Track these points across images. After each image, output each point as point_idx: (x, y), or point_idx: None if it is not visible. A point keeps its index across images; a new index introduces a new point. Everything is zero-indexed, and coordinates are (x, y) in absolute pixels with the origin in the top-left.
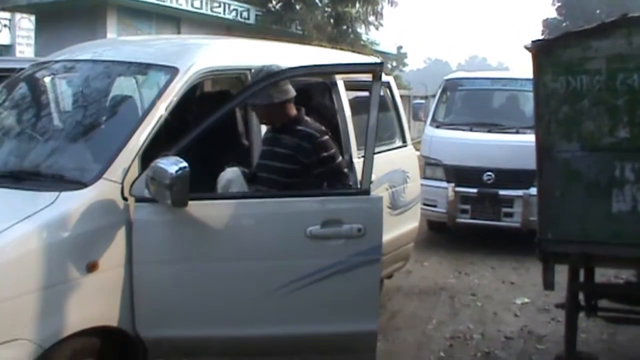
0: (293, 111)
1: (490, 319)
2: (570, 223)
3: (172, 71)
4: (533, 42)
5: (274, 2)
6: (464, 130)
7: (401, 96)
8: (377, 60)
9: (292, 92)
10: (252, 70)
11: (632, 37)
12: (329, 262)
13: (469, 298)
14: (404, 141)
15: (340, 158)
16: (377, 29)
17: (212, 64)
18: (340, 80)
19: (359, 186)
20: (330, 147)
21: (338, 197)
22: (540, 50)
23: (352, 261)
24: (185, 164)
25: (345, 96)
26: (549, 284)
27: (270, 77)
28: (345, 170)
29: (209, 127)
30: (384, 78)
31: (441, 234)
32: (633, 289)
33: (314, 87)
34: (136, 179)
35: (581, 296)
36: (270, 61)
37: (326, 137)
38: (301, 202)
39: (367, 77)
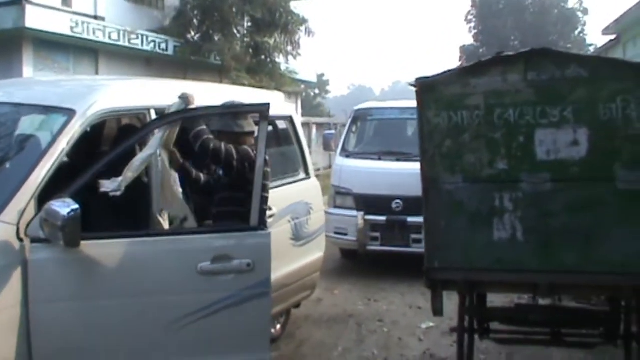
0: None
1: (395, 344)
2: (455, 251)
3: (70, 113)
4: (417, 79)
5: (192, 33)
6: (372, 159)
7: (320, 124)
8: (268, 101)
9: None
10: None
11: (507, 74)
12: (220, 297)
13: (377, 324)
14: (307, 173)
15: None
16: (295, 58)
17: (111, 105)
18: None
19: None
20: None
21: (228, 233)
22: (424, 88)
23: (243, 295)
24: (76, 205)
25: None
26: (437, 311)
27: (160, 120)
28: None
29: (105, 166)
30: (287, 112)
31: (353, 262)
32: (520, 311)
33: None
34: (32, 220)
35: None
36: (171, 101)
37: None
38: (192, 239)
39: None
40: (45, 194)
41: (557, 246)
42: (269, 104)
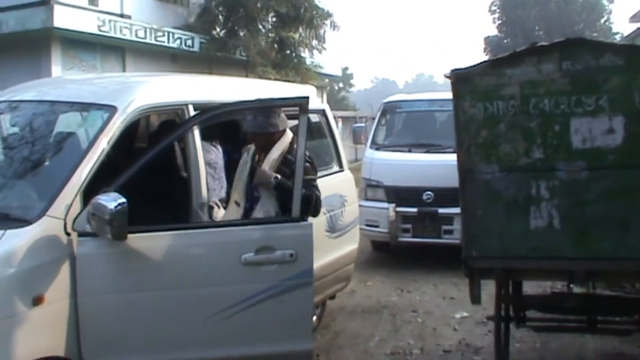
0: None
1: (430, 333)
2: (492, 240)
3: (111, 109)
4: (452, 71)
5: (217, 30)
6: (403, 151)
7: (346, 117)
8: (305, 93)
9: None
10: None
11: (542, 64)
12: (264, 287)
13: (410, 315)
14: (341, 166)
15: None
16: (320, 52)
17: (150, 101)
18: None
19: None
20: None
21: (271, 224)
22: (459, 79)
23: (286, 285)
24: (123, 199)
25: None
26: (475, 298)
27: (199, 116)
28: None
29: (147, 162)
30: (320, 106)
31: (385, 254)
32: (555, 299)
33: None
34: (78, 214)
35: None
36: (208, 95)
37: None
38: (236, 231)
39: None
40: (89, 190)
41: (593, 234)
42: (308, 97)
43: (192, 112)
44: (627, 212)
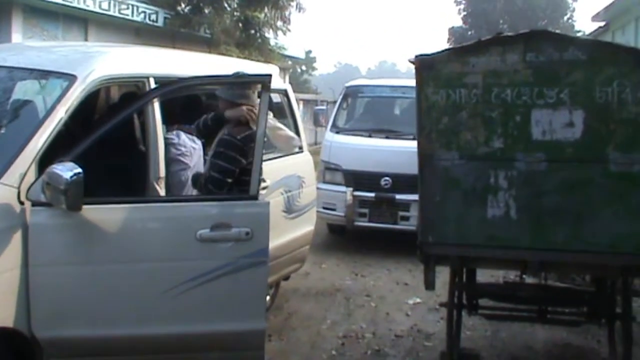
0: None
1: (383, 318)
2: (449, 227)
3: (71, 78)
4: (416, 56)
5: (182, 5)
6: (363, 136)
7: (307, 100)
8: (268, 71)
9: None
10: None
11: (506, 54)
12: (218, 264)
13: (364, 299)
14: (300, 148)
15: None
16: (284, 34)
17: (110, 72)
18: None
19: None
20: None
21: (227, 202)
22: (423, 65)
23: (240, 263)
24: (79, 169)
25: None
26: (430, 284)
27: (160, 89)
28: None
29: (105, 133)
30: (282, 86)
31: (340, 237)
32: (508, 288)
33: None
34: (33, 183)
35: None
36: (170, 69)
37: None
38: (192, 207)
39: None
40: (45, 160)
41: (548, 225)
42: (271, 75)
43: (153, 85)
44: (582, 206)
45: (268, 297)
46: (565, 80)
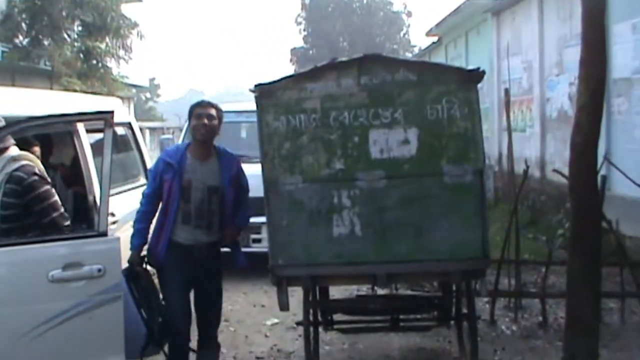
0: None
1: (242, 341)
2: (297, 248)
3: None
4: (256, 85)
5: (20, 38)
6: None
7: (153, 128)
8: (109, 108)
9: None
10: None
11: (341, 79)
12: (73, 303)
13: (223, 324)
14: (147, 179)
15: (53, 198)
16: (127, 62)
17: None
18: (81, 124)
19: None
20: (38, 188)
21: (77, 240)
22: (263, 93)
23: (95, 300)
24: None
25: (86, 139)
26: (284, 306)
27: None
28: (57, 212)
29: None
30: (126, 118)
31: None
32: (360, 302)
33: (55, 132)
34: None
35: None
36: (7, 109)
37: (34, 178)
38: (42, 248)
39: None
40: None
41: (391, 238)
42: (113, 111)
43: None
44: (421, 218)
45: None
46: (399, 101)
